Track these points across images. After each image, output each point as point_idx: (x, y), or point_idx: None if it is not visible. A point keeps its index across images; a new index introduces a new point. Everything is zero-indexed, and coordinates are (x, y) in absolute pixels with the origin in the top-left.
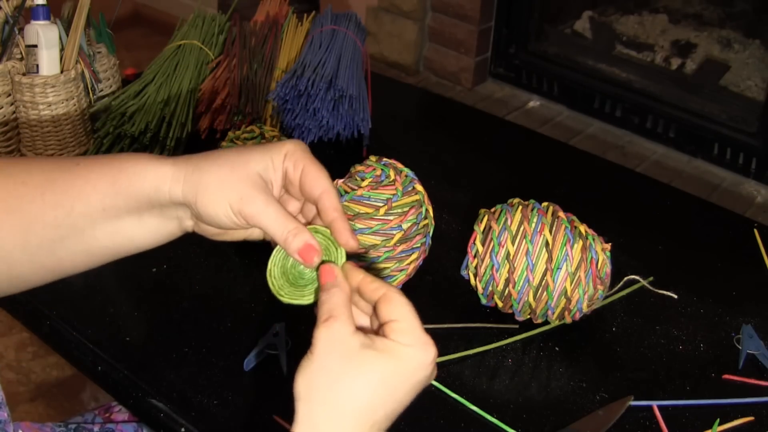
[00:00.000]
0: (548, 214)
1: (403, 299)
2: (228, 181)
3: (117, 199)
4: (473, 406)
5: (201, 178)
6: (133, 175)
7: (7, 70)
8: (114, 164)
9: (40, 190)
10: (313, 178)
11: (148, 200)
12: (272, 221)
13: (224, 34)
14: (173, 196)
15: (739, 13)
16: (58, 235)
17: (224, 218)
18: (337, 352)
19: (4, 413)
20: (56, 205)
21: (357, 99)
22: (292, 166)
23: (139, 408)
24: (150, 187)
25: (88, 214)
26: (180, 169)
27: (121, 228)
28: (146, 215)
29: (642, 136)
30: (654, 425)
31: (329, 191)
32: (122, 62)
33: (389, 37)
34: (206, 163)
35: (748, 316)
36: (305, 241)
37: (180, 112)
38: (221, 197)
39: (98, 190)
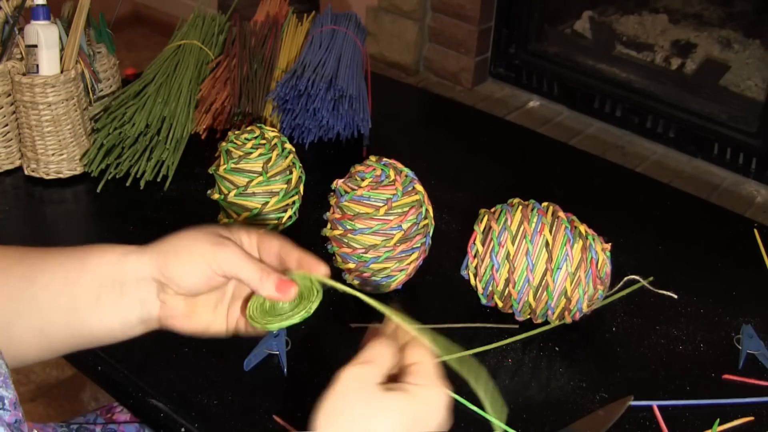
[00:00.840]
0: (548, 214)
1: (425, 346)
2: (196, 238)
3: (80, 275)
4: (473, 406)
5: (168, 243)
6: (100, 254)
7: (7, 70)
8: (86, 248)
9: (9, 263)
10: (268, 239)
11: (110, 277)
12: (246, 264)
13: (224, 34)
14: (138, 271)
15: (739, 13)
16: (18, 310)
17: (198, 272)
18: (359, 391)
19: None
20: (21, 277)
21: (357, 99)
22: (246, 238)
23: (140, 408)
24: (114, 263)
25: (49, 287)
26: (146, 246)
27: (78, 307)
28: (104, 295)
29: (642, 136)
30: (654, 425)
31: (284, 242)
32: (122, 62)
33: (389, 37)
34: (169, 236)
35: (748, 316)
36: (279, 277)
37: (180, 112)
38: (193, 252)
39: (65, 266)
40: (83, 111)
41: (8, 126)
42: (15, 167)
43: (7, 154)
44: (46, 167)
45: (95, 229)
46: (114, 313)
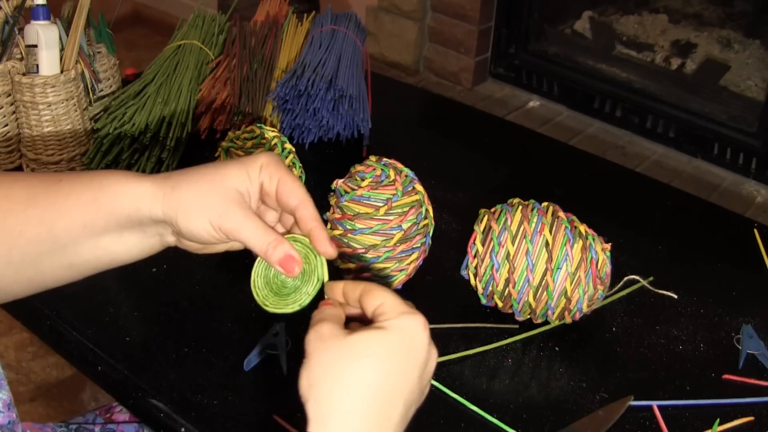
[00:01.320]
0: (548, 214)
1: (380, 287)
2: (207, 198)
3: (98, 217)
4: (473, 406)
5: (180, 196)
6: (113, 194)
7: (7, 70)
8: (95, 182)
9: (23, 205)
10: (289, 189)
11: (128, 218)
12: (251, 235)
13: (224, 34)
14: (153, 215)
15: (739, 13)
16: (41, 250)
17: (205, 234)
18: (329, 344)
19: (13, 414)
20: (39, 221)
21: (357, 99)
22: (267, 178)
23: (139, 408)
24: (130, 206)
25: (69, 230)
26: (159, 187)
27: (102, 244)
28: (127, 232)
29: (642, 136)
30: (654, 425)
31: (305, 201)
32: (122, 62)
33: (389, 37)
34: (184, 180)
35: (748, 316)
36: (285, 252)
37: (180, 112)
38: (201, 214)
39: (79, 207)
40: (83, 111)
41: (8, 126)
42: (15, 167)
43: (7, 154)
44: (46, 167)
45: None
46: (138, 244)
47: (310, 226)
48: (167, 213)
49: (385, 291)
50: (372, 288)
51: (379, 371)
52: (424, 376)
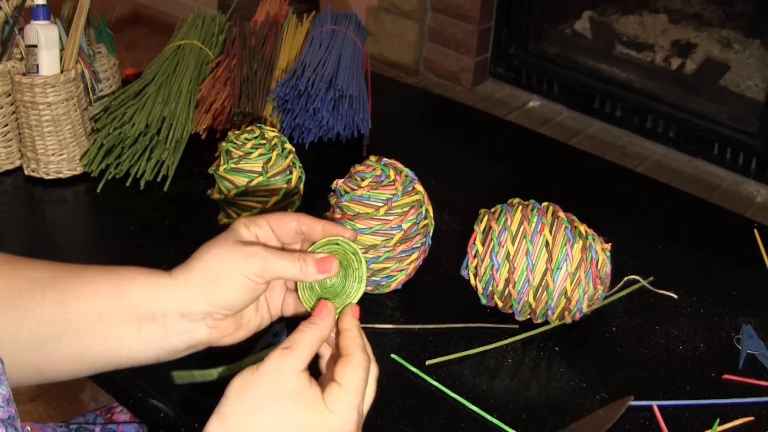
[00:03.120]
0: (548, 214)
1: (358, 370)
2: (225, 256)
3: (116, 305)
4: (473, 406)
5: (200, 271)
6: (136, 284)
7: (7, 70)
8: (119, 273)
9: (42, 286)
10: (280, 220)
11: (149, 310)
12: (282, 261)
13: (224, 34)
14: (182, 306)
15: (739, 13)
16: (51, 333)
17: (242, 289)
18: (274, 383)
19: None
20: (55, 302)
21: (357, 99)
22: (258, 228)
23: (139, 408)
24: (152, 296)
25: (85, 315)
26: (176, 278)
27: (116, 336)
28: (145, 327)
29: (642, 136)
30: (654, 425)
31: (301, 216)
32: (122, 62)
33: (389, 37)
34: (194, 262)
35: (748, 316)
36: (314, 259)
37: (180, 112)
38: (229, 272)
39: (99, 294)
40: (83, 111)
41: (8, 126)
42: (15, 167)
43: (7, 154)
44: (46, 167)
45: (95, 229)
46: (158, 344)
47: (318, 228)
48: (200, 296)
49: (356, 378)
50: (352, 363)
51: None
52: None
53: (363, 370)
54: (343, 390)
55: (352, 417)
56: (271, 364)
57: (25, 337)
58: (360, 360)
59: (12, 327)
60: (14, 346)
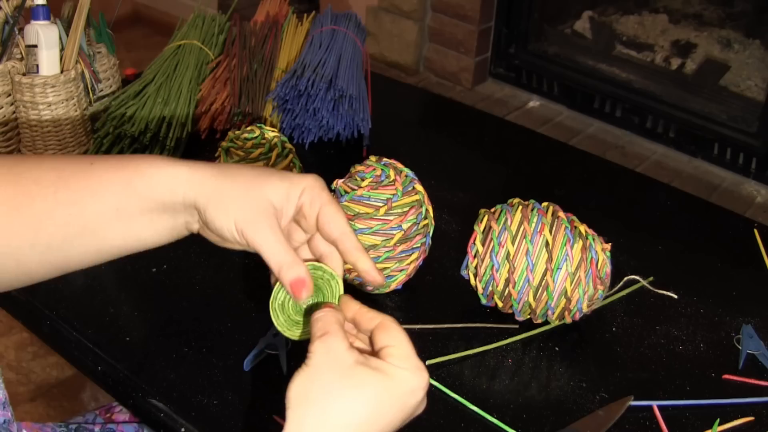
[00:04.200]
0: (548, 214)
1: (398, 327)
2: (240, 200)
3: (131, 200)
4: (473, 406)
5: (216, 187)
6: (148, 178)
7: (7, 70)
8: (129, 165)
9: (53, 188)
10: (330, 219)
11: (161, 202)
12: (270, 250)
13: (224, 34)
14: (186, 198)
15: (739, 13)
16: (69, 234)
17: (227, 234)
18: (333, 365)
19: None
20: (69, 204)
21: (357, 99)
22: (308, 202)
23: (139, 408)
24: (165, 189)
25: (101, 213)
26: (197, 172)
27: (132, 228)
28: (157, 217)
29: (642, 136)
30: (654, 425)
31: (347, 233)
32: (122, 62)
33: (389, 37)
34: (224, 175)
35: (748, 316)
36: (298, 274)
37: (180, 112)
38: (229, 213)
39: (112, 191)
40: (83, 111)
41: (8, 126)
42: None
43: (7, 153)
44: None
45: None
46: (168, 231)
47: (355, 257)
48: (199, 199)
49: (400, 333)
50: (388, 325)
51: (372, 412)
52: (406, 420)
53: (398, 326)
54: (397, 348)
55: (420, 365)
56: (318, 353)
57: (44, 241)
58: (391, 320)
59: (31, 233)
60: (35, 251)
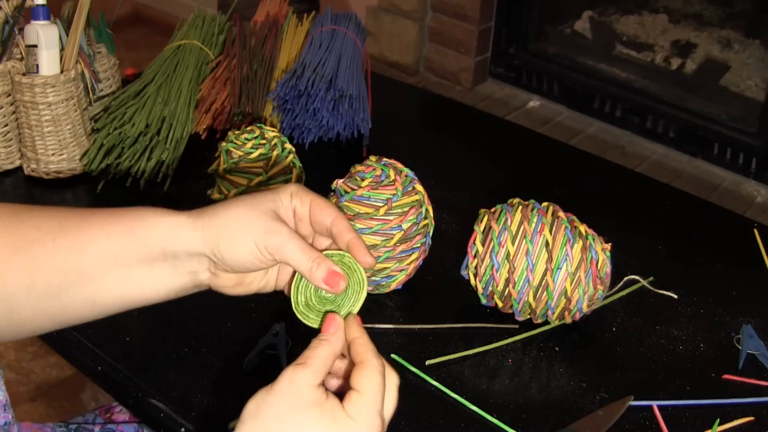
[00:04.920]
0: (548, 214)
1: (375, 374)
2: (248, 220)
3: (130, 247)
4: (473, 406)
5: (219, 222)
6: (150, 225)
7: (7, 70)
8: (132, 214)
9: (53, 235)
10: (321, 209)
11: (162, 250)
12: (297, 252)
13: (224, 34)
14: (190, 247)
15: (739, 13)
16: (66, 281)
17: (249, 256)
18: (290, 397)
19: (9, 415)
20: (68, 250)
21: (357, 99)
22: (299, 203)
23: (139, 408)
24: (166, 236)
25: (99, 260)
26: (196, 219)
27: (131, 278)
28: (158, 267)
29: (642, 136)
30: (654, 425)
31: (338, 217)
32: (122, 62)
33: (389, 37)
34: (221, 209)
35: (748, 316)
36: (329, 268)
37: (180, 112)
38: (245, 235)
39: (112, 237)
40: (83, 111)
41: (8, 126)
42: (15, 167)
43: (7, 154)
44: (46, 167)
45: None
46: (168, 282)
47: (347, 238)
48: (207, 242)
49: (374, 382)
50: (368, 368)
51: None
52: None
53: (379, 374)
54: (362, 396)
55: (375, 421)
56: (285, 380)
57: (40, 287)
58: (375, 364)
59: (26, 278)
60: (30, 298)
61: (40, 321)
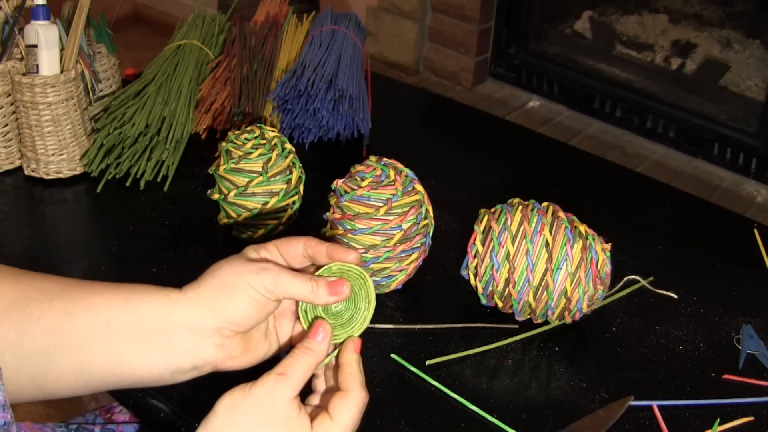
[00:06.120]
0: (548, 214)
1: (353, 408)
2: (237, 270)
3: (124, 316)
4: (473, 406)
5: (211, 284)
6: (146, 296)
7: (7, 70)
8: (129, 287)
9: (51, 296)
10: (288, 244)
11: (156, 323)
12: (293, 280)
13: (224, 34)
14: (188, 319)
15: (739, 13)
16: (54, 343)
17: (252, 303)
18: (266, 405)
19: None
20: (62, 313)
21: (357, 99)
22: (267, 252)
23: (139, 408)
24: (161, 309)
25: (90, 326)
26: (186, 293)
27: (121, 349)
28: (151, 341)
29: (642, 136)
30: (654, 425)
31: (307, 239)
32: (122, 62)
33: (389, 37)
34: (206, 276)
35: (748, 316)
36: (326, 282)
37: (180, 112)
38: (240, 284)
39: (108, 305)
40: (83, 111)
41: (8, 126)
42: (15, 167)
43: (7, 154)
44: (46, 167)
45: (95, 229)
46: (162, 360)
47: (323, 249)
48: (206, 307)
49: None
50: (349, 397)
51: None
52: None
53: (357, 409)
54: (333, 424)
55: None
56: (264, 389)
57: (27, 347)
58: (356, 398)
59: (15, 336)
60: (16, 358)
61: (22, 384)
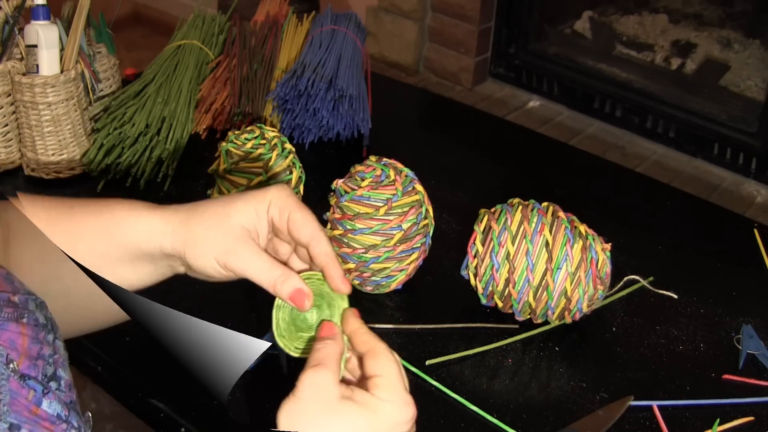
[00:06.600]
0: (548, 214)
1: (388, 356)
2: (212, 236)
3: (110, 248)
4: (473, 406)
5: (188, 232)
6: (125, 228)
7: (7, 70)
8: (105, 213)
9: (44, 224)
10: (300, 225)
11: (139, 251)
12: (257, 272)
13: (224, 34)
14: (163, 249)
15: (739, 13)
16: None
17: (212, 271)
18: (319, 398)
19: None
20: (64, 243)
21: (357, 99)
22: (277, 213)
23: (139, 408)
24: (141, 239)
25: (89, 253)
26: (168, 221)
27: (116, 272)
28: (139, 263)
29: (642, 136)
30: (654, 425)
31: (318, 237)
32: (122, 62)
33: (389, 37)
34: (194, 216)
35: (748, 316)
36: (294, 286)
37: (180, 112)
38: (207, 252)
39: (94, 237)
40: (83, 111)
41: (8, 126)
42: (15, 167)
43: (7, 154)
44: (46, 167)
45: None
46: (149, 274)
47: (323, 261)
48: (176, 248)
49: (390, 363)
50: (380, 352)
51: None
52: None
53: (392, 354)
54: (385, 378)
55: (406, 398)
56: (307, 384)
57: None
58: (384, 348)
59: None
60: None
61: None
